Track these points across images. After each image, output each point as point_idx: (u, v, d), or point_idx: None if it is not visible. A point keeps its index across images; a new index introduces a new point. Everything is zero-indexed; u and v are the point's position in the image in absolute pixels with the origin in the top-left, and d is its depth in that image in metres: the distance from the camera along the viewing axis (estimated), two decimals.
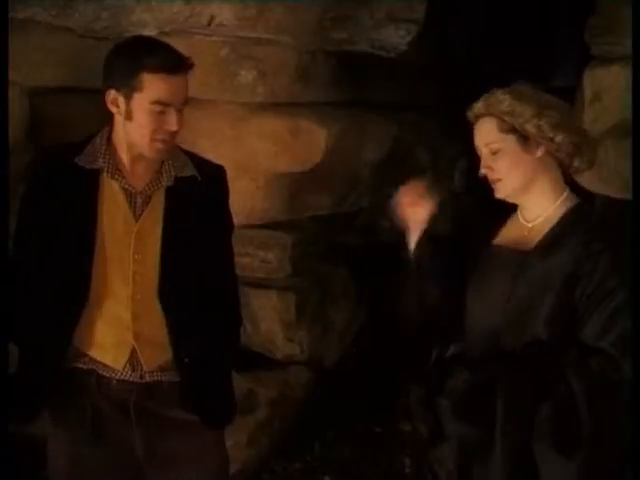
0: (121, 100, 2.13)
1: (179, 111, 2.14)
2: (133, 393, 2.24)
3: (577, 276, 1.98)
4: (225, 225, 2.38)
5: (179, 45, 3.51)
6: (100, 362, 2.23)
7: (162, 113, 2.11)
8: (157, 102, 2.10)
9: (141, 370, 2.22)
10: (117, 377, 2.23)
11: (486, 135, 2.10)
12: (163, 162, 2.23)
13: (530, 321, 2.03)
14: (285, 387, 3.86)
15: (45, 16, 3.21)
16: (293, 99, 3.68)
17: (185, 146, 2.36)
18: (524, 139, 2.05)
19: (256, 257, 3.91)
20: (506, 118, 2.04)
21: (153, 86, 2.09)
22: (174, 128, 2.13)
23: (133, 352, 2.22)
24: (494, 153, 2.08)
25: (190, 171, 2.25)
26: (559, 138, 2.04)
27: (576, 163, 2.09)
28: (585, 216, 2.06)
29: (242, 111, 3.59)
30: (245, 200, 3.70)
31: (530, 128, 2.03)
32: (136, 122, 2.13)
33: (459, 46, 4.52)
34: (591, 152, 2.11)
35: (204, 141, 3.57)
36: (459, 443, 2.07)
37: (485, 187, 2.19)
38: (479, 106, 2.11)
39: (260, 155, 3.62)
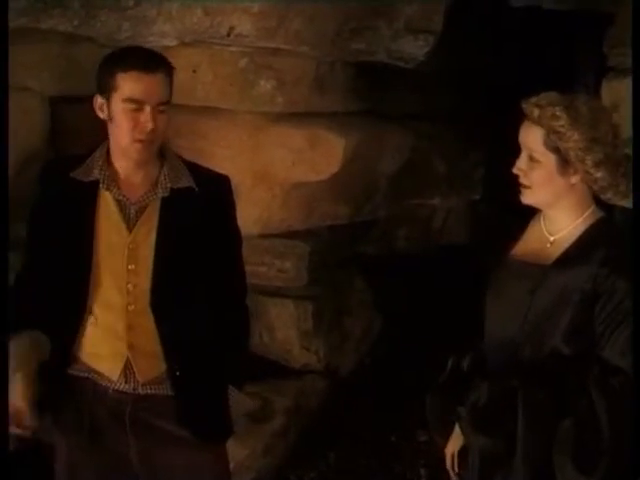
0: (104, 103, 2.17)
1: (161, 112, 2.14)
2: (129, 404, 2.23)
3: (597, 293, 1.97)
4: (228, 237, 2.33)
5: (199, 55, 3.56)
6: (96, 371, 2.24)
7: (137, 111, 2.12)
8: (129, 99, 2.12)
9: (134, 382, 2.22)
10: (113, 387, 2.23)
11: (530, 141, 2.04)
12: (160, 173, 2.23)
13: (548, 335, 2.03)
14: (301, 396, 3.86)
15: (67, 26, 3.23)
16: (311, 109, 3.69)
17: (203, 155, 2.37)
18: (564, 162, 2.01)
19: (273, 266, 3.92)
20: (553, 137, 1.99)
21: (125, 84, 2.12)
22: (148, 126, 2.12)
23: (127, 363, 2.21)
24: (532, 160, 2.05)
25: (186, 182, 2.24)
26: (599, 175, 2.00)
27: (609, 195, 2.05)
28: (606, 232, 2.05)
29: (261, 121, 3.60)
30: (262, 209, 3.72)
31: (573, 156, 1.99)
32: (115, 123, 2.16)
33: (476, 57, 4.53)
34: (628, 185, 2.06)
35: (222, 150, 3.60)
36: (480, 455, 2.08)
37: (502, 196, 2.18)
38: (534, 110, 2.02)
39: (278, 164, 3.63)
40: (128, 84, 2.11)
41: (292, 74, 3.55)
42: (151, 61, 2.15)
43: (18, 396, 2.11)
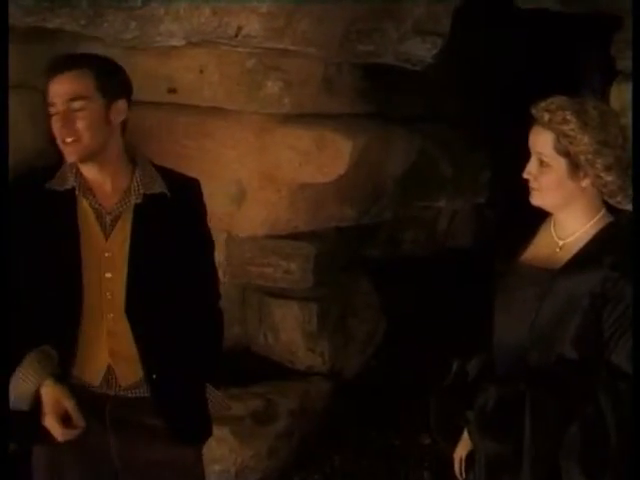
0: None
1: (77, 110, 2.12)
2: (109, 402, 2.24)
3: (605, 297, 1.97)
4: (200, 241, 2.34)
5: (207, 55, 3.56)
6: (78, 377, 2.23)
7: (56, 114, 2.13)
8: (48, 104, 2.14)
9: (116, 386, 2.23)
10: (94, 390, 2.23)
11: (541, 146, 2.04)
12: (132, 179, 2.22)
13: (556, 339, 2.02)
14: (306, 398, 3.85)
15: (74, 26, 3.23)
16: (319, 110, 3.69)
17: (210, 156, 2.36)
18: (574, 166, 2.00)
19: (279, 267, 3.91)
20: (563, 141, 1.99)
21: (47, 90, 2.14)
22: (57, 122, 2.12)
23: (109, 369, 2.22)
24: (542, 165, 2.05)
25: (159, 188, 2.24)
26: (609, 178, 1.99)
27: (619, 198, 2.05)
28: (614, 236, 2.04)
29: (268, 122, 3.60)
30: (269, 210, 3.72)
31: (583, 160, 1.99)
32: None
33: (484, 59, 4.53)
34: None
35: (229, 151, 3.60)
36: (487, 459, 2.07)
37: (507, 199, 2.18)
38: (544, 115, 2.02)
39: (285, 166, 3.63)
40: (48, 89, 2.14)
41: (299, 75, 3.55)
42: (66, 62, 2.16)
43: (63, 397, 2.13)
